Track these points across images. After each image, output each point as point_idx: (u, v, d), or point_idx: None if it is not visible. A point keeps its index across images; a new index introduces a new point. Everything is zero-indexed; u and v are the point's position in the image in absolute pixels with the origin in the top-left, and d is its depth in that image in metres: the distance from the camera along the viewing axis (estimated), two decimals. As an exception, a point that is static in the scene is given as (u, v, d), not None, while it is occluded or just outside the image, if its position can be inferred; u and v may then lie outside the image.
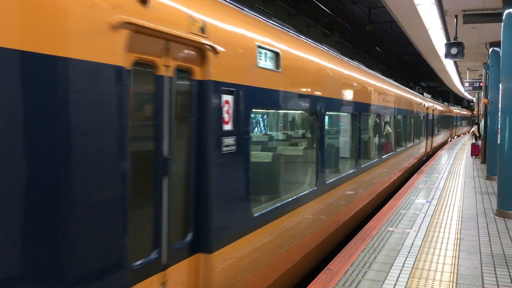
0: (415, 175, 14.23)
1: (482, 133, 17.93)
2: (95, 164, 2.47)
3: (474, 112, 40.83)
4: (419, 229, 7.37)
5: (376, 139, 10.75)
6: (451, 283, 5.05)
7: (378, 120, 10.68)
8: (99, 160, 2.50)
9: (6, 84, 2.03)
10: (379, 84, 10.39)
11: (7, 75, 2.05)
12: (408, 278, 5.18)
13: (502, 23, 8.89)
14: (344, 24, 23.21)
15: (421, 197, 10.37)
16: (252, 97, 4.28)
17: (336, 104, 7.03)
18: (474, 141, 22.14)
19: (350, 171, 8.03)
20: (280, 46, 4.93)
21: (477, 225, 7.79)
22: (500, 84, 9.03)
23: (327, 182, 6.53)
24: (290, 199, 5.28)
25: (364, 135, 9.37)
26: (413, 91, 18.00)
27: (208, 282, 3.53)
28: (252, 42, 4.33)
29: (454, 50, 10.96)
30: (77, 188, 2.37)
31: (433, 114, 23.66)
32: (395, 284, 4.99)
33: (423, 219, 8.12)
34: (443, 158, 20.02)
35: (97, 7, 2.48)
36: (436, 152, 24.53)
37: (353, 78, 8.20)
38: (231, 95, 3.89)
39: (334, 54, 7.46)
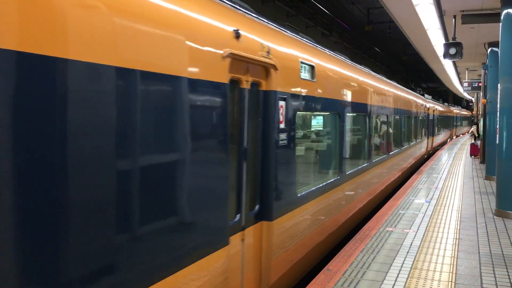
0: (414, 175, 14.24)
1: (481, 133, 17.98)
2: (219, 151, 3.75)
3: (473, 112, 40.89)
4: (418, 229, 7.38)
5: (385, 138, 12.05)
6: (449, 283, 5.06)
7: (386, 120, 11.96)
8: (220, 147, 3.77)
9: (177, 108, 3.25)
10: (388, 88, 12.01)
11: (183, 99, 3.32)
12: (407, 278, 5.18)
13: (501, 23, 8.91)
14: (343, 25, 23.23)
15: (420, 197, 10.38)
16: (297, 103, 5.50)
17: (354, 106, 8.38)
18: (473, 141, 22.17)
19: (366, 164, 9.43)
20: (314, 60, 6.19)
21: (476, 225, 7.80)
22: (499, 84, 9.04)
23: (348, 172, 7.93)
24: (321, 185, 6.50)
25: (376, 134, 10.93)
26: (416, 93, 19.25)
27: (269, 243, 4.75)
28: (297, 59, 5.56)
29: (452, 51, 10.97)
30: (209, 170, 3.61)
31: (433, 115, 24.42)
32: (393, 284, 4.99)
33: (422, 219, 8.13)
34: (443, 158, 20.03)
35: (218, 46, 3.69)
36: (437, 151, 25.26)
37: (369, 85, 9.68)
38: (284, 101, 5.07)
39: (350, 63, 8.91)
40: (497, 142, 9.01)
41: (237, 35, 4.03)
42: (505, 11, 8.77)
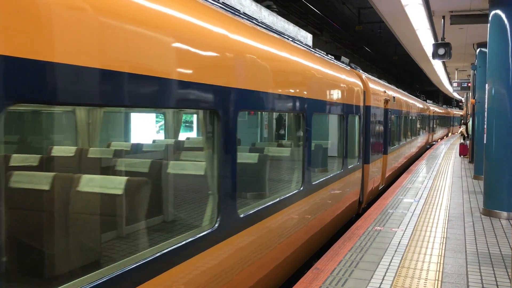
0: (404, 174, 14.34)
1: (470, 132, 18.21)
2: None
3: (463, 112, 41.48)
4: (406, 228, 7.43)
5: (409, 130, 19.71)
6: (436, 281, 5.10)
7: (410, 118, 19.86)
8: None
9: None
10: (414, 101, 21.33)
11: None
12: (394, 277, 5.22)
13: (489, 24, 8.98)
14: (333, 25, 23.30)
15: (409, 196, 10.45)
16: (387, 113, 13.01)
17: (404, 113, 16.23)
18: (462, 141, 22.35)
19: (395, 146, 15.22)
20: (389, 92, 13.30)
21: (463, 224, 7.87)
22: (486, 85, 9.12)
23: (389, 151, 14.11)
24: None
25: (406, 128, 18.75)
26: (420, 100, 27.00)
27: (367, 175, 10.30)
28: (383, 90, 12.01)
29: (441, 51, 11.05)
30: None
31: (433, 115, 33.35)
32: (381, 283, 5.03)
33: (411, 218, 8.19)
34: (432, 158, 20.18)
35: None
36: (434, 144, 33.20)
37: (412, 102, 19.99)
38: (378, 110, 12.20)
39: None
40: (485, 142, 9.09)
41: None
42: (493, 12, 8.85)
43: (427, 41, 14.38)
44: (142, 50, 2.84)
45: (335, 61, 8.37)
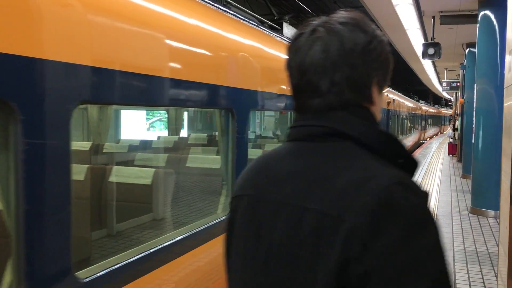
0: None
1: (458, 127, 18.83)
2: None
3: (452, 112, 41.96)
4: (395, 227, 7.49)
5: (405, 128, 23.28)
6: (424, 279, 5.15)
7: (406, 118, 23.09)
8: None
9: None
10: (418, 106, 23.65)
11: None
12: (383, 275, 5.26)
13: (478, 25, 9.07)
14: (324, 23, 23.38)
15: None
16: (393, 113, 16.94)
17: (402, 113, 19.68)
18: (451, 140, 22.57)
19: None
20: (390, 95, 17.00)
21: (451, 222, 7.95)
22: (475, 85, 9.21)
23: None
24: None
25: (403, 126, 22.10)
26: (414, 101, 29.61)
27: None
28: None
29: (431, 51, 11.13)
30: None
31: (426, 115, 36.05)
32: (370, 281, 5.06)
33: (399, 216, 8.25)
34: (421, 156, 20.34)
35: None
36: (426, 141, 34.33)
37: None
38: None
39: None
40: (473, 141, 9.19)
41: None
42: (482, 13, 8.94)
43: (417, 41, 14.48)
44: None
45: None
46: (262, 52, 4.65)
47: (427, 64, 21.66)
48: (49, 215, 2.02)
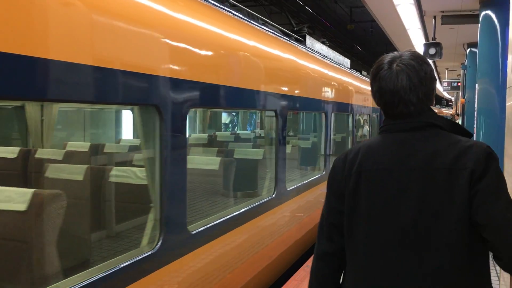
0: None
1: None
2: None
3: (452, 112, 42.12)
4: (396, 227, 7.47)
5: None
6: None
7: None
8: None
9: None
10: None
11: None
12: (385, 275, 5.25)
13: (479, 25, 9.07)
14: (325, 23, 23.39)
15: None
16: None
17: None
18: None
19: None
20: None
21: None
22: (476, 85, 9.21)
23: None
24: None
25: None
26: None
27: None
28: None
29: (432, 51, 11.13)
30: None
31: None
32: (371, 281, 5.06)
33: (401, 216, 8.24)
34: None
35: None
36: None
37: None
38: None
39: None
40: (474, 141, 9.20)
41: None
42: (483, 13, 8.93)
43: (418, 41, 14.48)
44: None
45: (363, 77, 11.41)
46: (298, 65, 5.98)
47: (428, 64, 21.69)
48: (179, 188, 3.15)
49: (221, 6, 4.13)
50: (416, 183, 1.69)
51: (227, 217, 3.87)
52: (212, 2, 3.97)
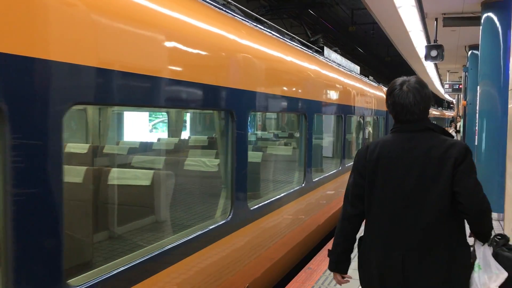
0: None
1: (460, 128, 18.82)
2: None
3: (454, 114, 42.17)
4: (398, 229, 7.48)
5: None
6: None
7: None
8: None
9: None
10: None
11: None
12: (386, 277, 5.25)
13: (481, 27, 9.07)
14: (327, 25, 23.39)
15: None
16: None
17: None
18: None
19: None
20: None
21: (454, 225, 7.93)
22: (478, 87, 9.21)
23: None
24: None
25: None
26: None
27: None
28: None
29: (434, 53, 11.13)
30: None
31: (430, 117, 43.45)
32: (373, 283, 5.06)
33: (402, 218, 8.24)
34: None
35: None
36: None
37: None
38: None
39: None
40: (476, 143, 9.18)
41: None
42: (485, 15, 8.94)
43: (419, 43, 14.48)
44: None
45: (371, 82, 12.39)
46: (321, 74, 7.03)
47: (429, 66, 21.67)
48: (243, 174, 4.20)
49: (270, 31, 5.55)
50: (418, 165, 2.52)
51: (275, 197, 5.17)
52: (270, 31, 5.53)
